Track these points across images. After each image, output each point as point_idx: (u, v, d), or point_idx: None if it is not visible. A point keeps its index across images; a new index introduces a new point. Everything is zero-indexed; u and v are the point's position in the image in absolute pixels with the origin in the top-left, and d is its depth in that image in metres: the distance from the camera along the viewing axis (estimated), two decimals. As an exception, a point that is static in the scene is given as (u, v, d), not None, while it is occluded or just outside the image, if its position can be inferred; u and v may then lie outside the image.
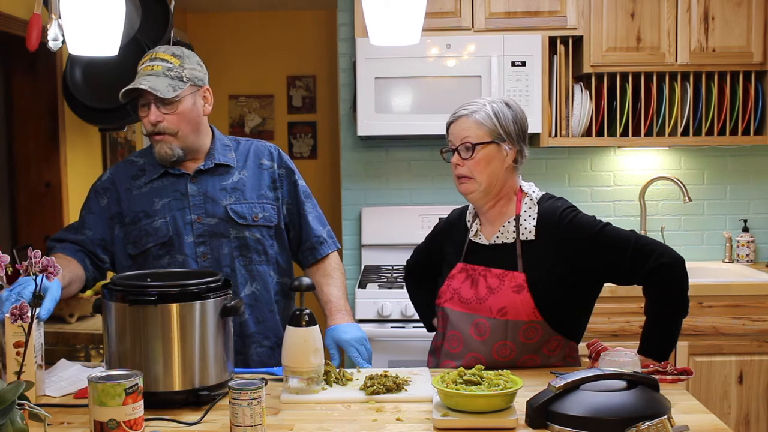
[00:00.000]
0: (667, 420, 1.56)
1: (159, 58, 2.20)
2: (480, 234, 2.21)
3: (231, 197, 2.27)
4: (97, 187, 2.32)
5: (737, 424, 3.45)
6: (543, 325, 2.11)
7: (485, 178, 2.13)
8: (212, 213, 2.25)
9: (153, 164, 2.28)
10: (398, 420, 1.77)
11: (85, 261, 2.26)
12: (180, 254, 2.23)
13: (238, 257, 2.28)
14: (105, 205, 2.28)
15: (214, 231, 2.25)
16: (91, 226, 2.28)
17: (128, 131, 4.11)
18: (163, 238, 2.23)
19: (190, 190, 2.26)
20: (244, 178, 2.31)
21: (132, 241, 2.26)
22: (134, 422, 1.61)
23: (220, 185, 2.28)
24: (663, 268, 2.08)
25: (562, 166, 4.04)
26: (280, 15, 5.57)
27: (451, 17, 3.65)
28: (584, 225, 2.13)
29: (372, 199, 4.07)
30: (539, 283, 2.10)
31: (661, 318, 2.13)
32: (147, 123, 2.20)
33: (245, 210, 2.28)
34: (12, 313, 1.61)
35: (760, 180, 4.02)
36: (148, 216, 2.24)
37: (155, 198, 2.25)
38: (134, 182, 2.28)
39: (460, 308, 2.17)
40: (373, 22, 1.86)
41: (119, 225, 2.27)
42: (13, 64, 3.40)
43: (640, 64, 3.66)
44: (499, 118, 2.13)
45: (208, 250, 2.25)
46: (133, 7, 3.07)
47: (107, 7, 1.91)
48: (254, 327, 2.31)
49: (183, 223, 2.24)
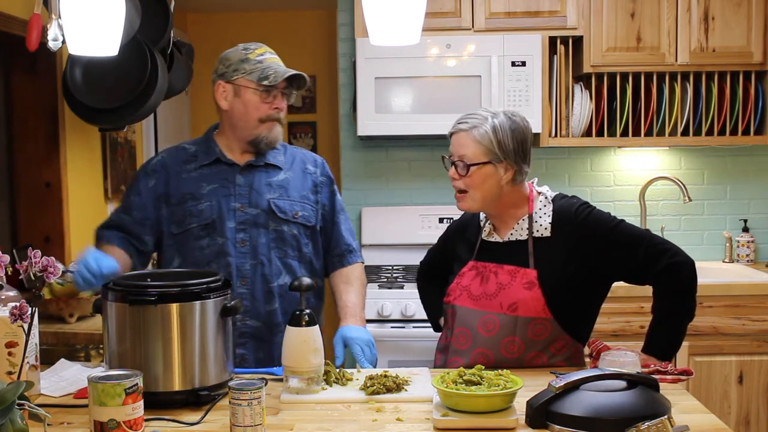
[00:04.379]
0: (667, 420, 1.56)
1: (274, 53, 2.40)
2: (494, 233, 2.22)
3: (275, 193, 2.39)
4: (147, 169, 2.44)
5: (737, 424, 3.45)
6: (552, 323, 2.12)
7: (480, 194, 2.14)
8: (255, 204, 2.37)
9: (206, 152, 2.42)
10: (398, 420, 1.77)
11: (130, 249, 2.38)
12: (221, 237, 2.34)
13: (274, 248, 2.37)
14: (152, 186, 2.40)
15: (255, 221, 2.36)
16: (138, 207, 2.39)
17: (128, 131, 4.11)
18: (206, 220, 2.35)
19: (238, 180, 2.38)
20: (289, 178, 2.43)
21: (176, 220, 2.38)
22: (134, 422, 1.61)
23: (266, 180, 2.40)
24: (676, 266, 2.11)
25: (562, 166, 4.04)
26: (280, 15, 5.57)
27: (451, 17, 3.65)
28: (600, 221, 2.16)
29: (372, 199, 4.07)
30: (550, 281, 2.11)
31: (669, 315, 2.15)
32: (270, 109, 2.35)
33: (287, 206, 2.39)
34: (12, 313, 1.61)
35: (760, 180, 4.02)
36: (194, 198, 2.36)
37: (203, 182, 2.38)
38: (185, 166, 2.41)
39: (469, 305, 2.18)
40: (373, 22, 1.85)
41: (165, 205, 2.39)
42: (13, 64, 3.39)
43: (640, 64, 3.66)
44: (497, 135, 2.10)
45: (247, 237, 2.36)
46: (133, 7, 3.07)
47: (107, 7, 1.91)
48: (282, 317, 2.37)
49: (227, 209, 2.36)
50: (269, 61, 2.35)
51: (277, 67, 2.34)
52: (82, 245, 3.55)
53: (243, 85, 2.33)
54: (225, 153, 2.41)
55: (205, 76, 5.86)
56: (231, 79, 2.35)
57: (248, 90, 2.33)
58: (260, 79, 2.31)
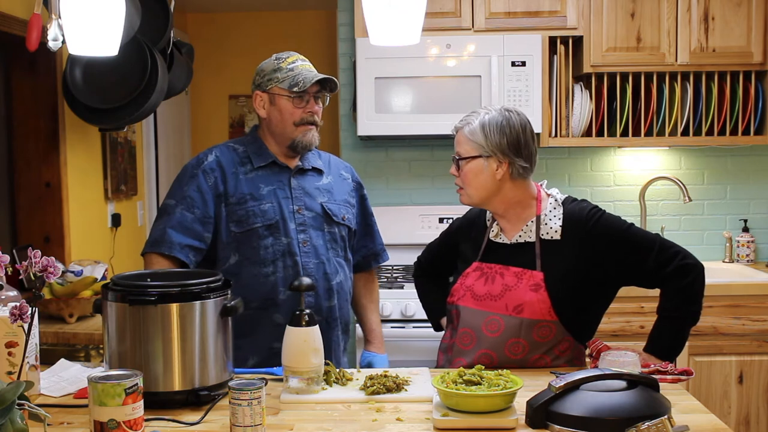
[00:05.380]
0: (667, 420, 1.56)
1: (306, 60, 2.50)
2: (501, 234, 2.22)
3: (324, 196, 2.51)
4: (205, 168, 2.46)
5: (737, 424, 3.45)
6: (557, 325, 2.12)
7: (473, 190, 2.18)
8: (310, 207, 2.48)
9: (258, 153, 2.49)
10: (398, 420, 1.77)
11: (189, 257, 2.41)
12: (285, 237, 2.42)
13: (330, 249, 2.49)
14: (213, 184, 2.45)
15: (312, 223, 2.47)
16: (199, 204, 2.43)
17: (128, 131, 4.11)
18: (270, 220, 2.42)
19: (293, 183, 2.48)
20: (332, 182, 2.56)
21: (236, 219, 2.43)
22: (134, 422, 1.61)
23: (314, 185, 2.52)
24: (686, 268, 2.15)
25: (562, 166, 4.04)
26: (280, 15, 5.57)
27: (451, 17, 3.65)
28: (612, 224, 2.18)
29: (372, 199, 4.00)
30: (557, 284, 2.12)
31: (674, 315, 2.16)
32: (301, 113, 2.43)
33: (335, 209, 2.52)
34: (12, 313, 1.61)
35: (760, 180, 4.02)
36: (255, 198, 2.43)
37: (261, 183, 2.45)
38: (240, 167, 2.47)
39: (473, 305, 2.18)
40: (373, 22, 1.86)
41: (224, 204, 2.44)
42: (13, 64, 3.39)
43: (640, 64, 3.66)
44: (485, 131, 2.14)
45: (307, 238, 2.45)
46: (133, 7, 3.07)
47: (107, 7, 1.91)
48: (338, 313, 2.50)
49: (287, 211, 2.44)
50: (300, 67, 2.45)
51: (307, 72, 2.44)
52: (82, 245, 3.58)
53: (277, 93, 2.44)
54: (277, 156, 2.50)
55: (205, 76, 5.86)
56: (266, 89, 2.46)
57: (282, 98, 2.44)
58: (291, 86, 2.41)
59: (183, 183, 2.46)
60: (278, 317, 2.38)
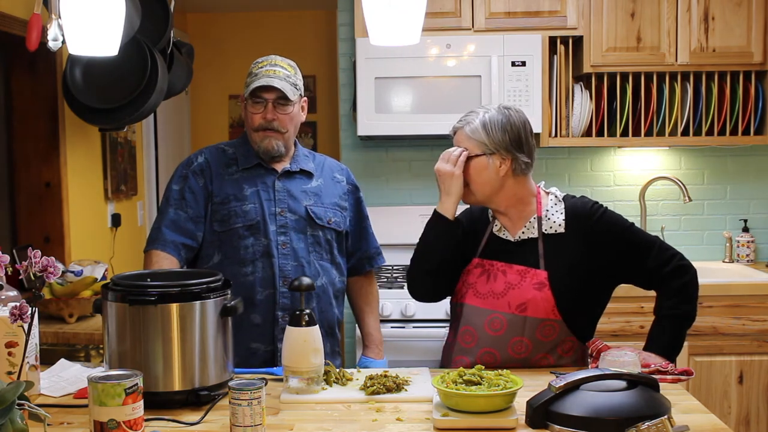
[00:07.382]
0: (667, 420, 1.56)
1: (278, 65, 2.47)
2: (504, 230, 2.23)
3: (310, 199, 2.51)
4: (195, 169, 2.51)
5: (737, 424, 3.45)
6: (560, 324, 2.13)
7: (478, 188, 2.19)
8: (294, 210, 2.48)
9: (245, 155, 2.51)
10: (398, 420, 1.77)
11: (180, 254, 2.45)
12: (265, 238, 2.44)
13: (312, 252, 2.49)
14: (203, 185, 2.49)
15: (294, 226, 2.47)
16: (192, 204, 2.48)
17: (128, 131, 4.11)
18: (251, 221, 2.44)
19: (277, 186, 2.49)
20: (321, 186, 2.55)
21: (219, 219, 2.46)
22: (134, 422, 1.61)
23: (301, 188, 2.52)
24: (683, 269, 2.20)
25: (562, 166, 4.04)
26: (280, 15, 5.57)
27: (451, 17, 3.65)
28: (615, 220, 2.22)
29: (372, 199, 4.07)
30: (561, 281, 2.13)
31: (674, 312, 2.18)
32: (259, 118, 2.44)
33: (321, 212, 2.51)
34: (12, 313, 1.61)
35: (760, 180, 4.02)
36: (238, 199, 2.46)
37: (245, 185, 2.48)
38: (227, 169, 2.51)
39: (475, 303, 2.18)
40: (373, 22, 1.86)
41: (210, 203, 2.49)
42: (13, 64, 3.39)
43: (640, 64, 3.66)
44: (486, 128, 2.15)
45: (288, 240, 2.45)
46: (133, 7, 3.07)
47: (107, 7, 1.90)
48: (318, 316, 2.46)
49: (269, 213, 2.45)
50: (263, 73, 2.44)
51: (262, 78, 2.42)
52: (82, 245, 3.58)
53: (243, 98, 2.48)
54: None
55: (205, 76, 5.86)
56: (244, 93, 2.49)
57: (246, 103, 2.47)
58: (247, 91, 2.45)
59: (174, 183, 2.52)
60: (255, 317, 2.40)
